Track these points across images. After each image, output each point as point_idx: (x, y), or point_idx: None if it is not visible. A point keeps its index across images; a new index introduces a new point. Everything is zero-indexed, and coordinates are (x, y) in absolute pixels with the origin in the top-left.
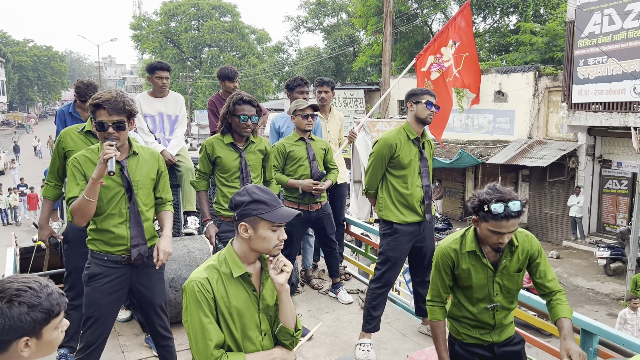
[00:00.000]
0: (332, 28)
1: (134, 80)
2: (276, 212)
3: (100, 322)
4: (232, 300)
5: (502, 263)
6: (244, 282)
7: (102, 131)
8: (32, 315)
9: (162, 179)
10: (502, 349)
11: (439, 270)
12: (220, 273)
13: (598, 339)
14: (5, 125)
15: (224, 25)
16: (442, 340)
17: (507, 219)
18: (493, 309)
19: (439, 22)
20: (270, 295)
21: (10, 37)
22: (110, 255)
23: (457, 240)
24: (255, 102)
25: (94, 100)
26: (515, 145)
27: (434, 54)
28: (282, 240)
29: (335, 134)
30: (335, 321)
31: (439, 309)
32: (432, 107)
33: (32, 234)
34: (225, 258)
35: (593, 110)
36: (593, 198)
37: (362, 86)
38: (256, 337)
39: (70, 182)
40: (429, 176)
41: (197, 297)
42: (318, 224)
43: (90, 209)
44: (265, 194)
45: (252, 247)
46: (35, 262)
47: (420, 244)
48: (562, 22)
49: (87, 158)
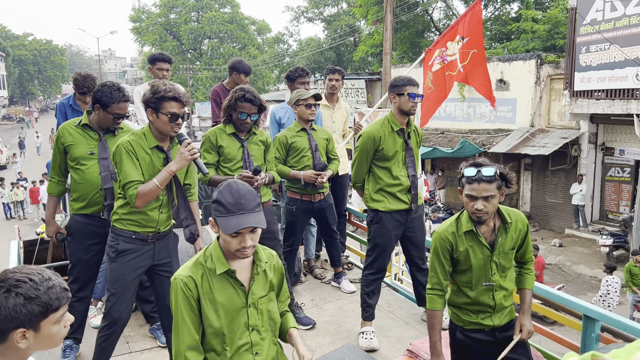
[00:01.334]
0: (333, 18)
1: (134, 73)
2: (227, 219)
3: (124, 297)
4: (217, 296)
5: (498, 241)
6: (229, 278)
7: (173, 121)
8: (29, 307)
9: (192, 167)
10: (504, 333)
11: (438, 256)
12: (205, 269)
13: (600, 325)
14: (7, 119)
15: (224, 17)
16: (437, 329)
17: (479, 182)
18: (491, 287)
19: (439, 11)
20: (260, 289)
21: (9, 31)
22: (138, 234)
23: (452, 224)
24: (258, 101)
25: (169, 92)
26: (517, 133)
27: (440, 48)
28: (245, 248)
29: (340, 124)
30: (338, 310)
31: (439, 297)
32: (415, 97)
33: (35, 227)
34: (210, 253)
35: (595, 98)
36: (596, 186)
37: (363, 76)
38: (243, 333)
39: (127, 165)
40: (414, 166)
41: (180, 295)
42: (320, 215)
43: (156, 195)
44: (231, 196)
45: (223, 246)
46: (38, 254)
47: (411, 234)
48: (563, 9)
49: (139, 145)
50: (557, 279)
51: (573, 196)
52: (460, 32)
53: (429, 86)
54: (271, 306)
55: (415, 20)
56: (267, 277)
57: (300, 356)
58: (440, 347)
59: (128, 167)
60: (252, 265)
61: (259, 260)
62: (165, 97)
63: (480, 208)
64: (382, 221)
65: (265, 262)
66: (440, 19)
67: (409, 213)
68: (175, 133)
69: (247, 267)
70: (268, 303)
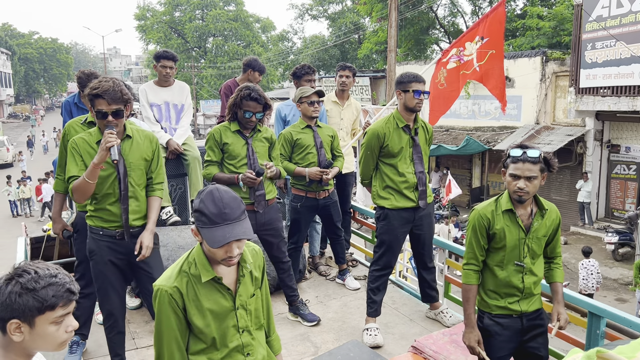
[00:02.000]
0: (337, 15)
1: (139, 71)
2: (212, 231)
3: (109, 292)
4: (204, 302)
5: (534, 225)
6: (215, 284)
7: (102, 119)
8: (24, 298)
9: (156, 159)
10: (531, 321)
11: (475, 232)
12: (189, 276)
13: (605, 322)
14: (13, 117)
15: (228, 15)
16: (472, 302)
17: (523, 162)
18: (522, 269)
19: (444, 8)
20: (247, 290)
21: (15, 29)
22: (105, 230)
23: (492, 203)
24: (263, 100)
25: (93, 90)
26: (522, 131)
27: (458, 47)
28: (231, 257)
29: (349, 122)
30: (342, 307)
31: (474, 272)
32: (421, 95)
33: (41, 224)
34: (194, 259)
35: (601, 95)
36: (601, 183)
37: (367, 73)
38: (234, 335)
39: (69, 162)
40: (422, 162)
41: (165, 307)
42: (325, 212)
43: (89, 190)
44: (215, 206)
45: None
46: (45, 251)
47: (418, 231)
48: (569, 6)
49: (84, 140)
50: None
51: (578, 193)
52: (480, 33)
53: (442, 82)
54: (259, 304)
55: (419, 18)
56: (252, 276)
57: None
58: (475, 319)
59: (70, 163)
60: (237, 267)
61: (244, 262)
62: (91, 94)
63: (522, 187)
64: (388, 218)
65: (250, 263)
66: (445, 16)
67: (417, 210)
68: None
69: (232, 270)
70: (255, 301)
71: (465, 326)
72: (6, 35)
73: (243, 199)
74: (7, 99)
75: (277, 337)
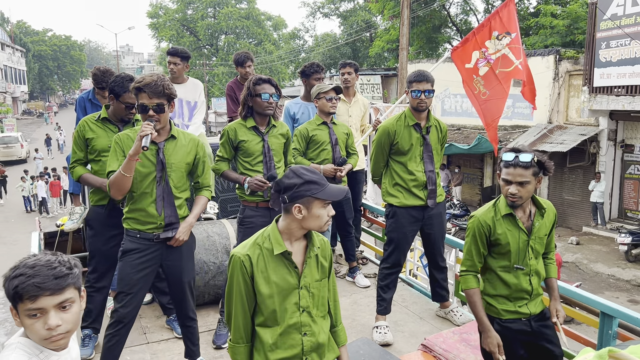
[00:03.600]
0: (349, 13)
1: (151, 68)
2: (328, 190)
3: (131, 297)
4: (271, 275)
5: (535, 226)
6: (284, 259)
7: (143, 113)
8: (6, 285)
9: (201, 164)
10: (539, 323)
11: (475, 239)
12: (262, 249)
13: (617, 322)
14: (27, 114)
15: (240, 12)
16: (480, 306)
17: (515, 167)
18: (528, 272)
19: (456, 6)
20: (313, 272)
21: (30, 26)
22: (142, 233)
23: (490, 209)
24: (274, 82)
25: (136, 84)
26: (534, 130)
27: (479, 49)
28: (330, 217)
29: (357, 119)
30: (352, 304)
31: (473, 277)
32: (421, 94)
33: (54, 220)
34: (269, 235)
35: (615, 94)
36: (614, 183)
37: (378, 71)
38: (294, 312)
39: (110, 157)
40: (432, 161)
41: (236, 272)
42: (337, 208)
43: (125, 184)
44: (314, 174)
45: (304, 226)
46: (58, 246)
47: (428, 231)
48: (583, 4)
49: (128, 136)
50: (574, 277)
51: (591, 193)
52: (499, 29)
53: (482, 92)
54: (324, 292)
55: (432, 16)
56: (318, 261)
57: None
58: (488, 322)
59: (111, 158)
60: (304, 249)
61: (312, 245)
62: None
63: (514, 192)
64: (396, 216)
65: (318, 247)
66: (457, 14)
67: (426, 209)
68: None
69: (301, 251)
70: (322, 289)
71: (481, 332)
72: (21, 33)
73: (259, 197)
74: (21, 95)
75: (343, 328)
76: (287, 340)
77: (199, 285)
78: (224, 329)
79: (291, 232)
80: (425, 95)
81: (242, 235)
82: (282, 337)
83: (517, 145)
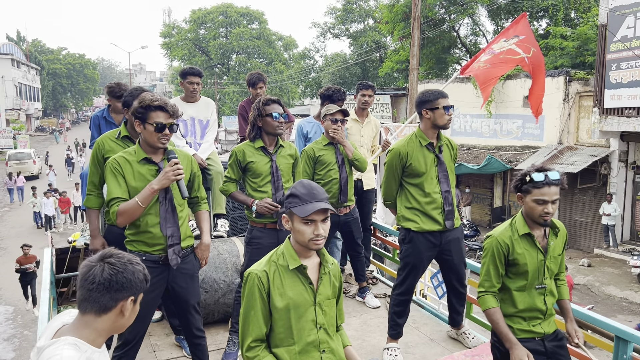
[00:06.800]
0: (359, 34)
1: (163, 87)
2: (303, 206)
3: (138, 319)
4: (287, 291)
5: (550, 245)
6: (299, 275)
7: (159, 132)
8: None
9: (197, 179)
10: (552, 343)
11: (494, 260)
12: (277, 265)
13: (632, 346)
14: (40, 131)
15: (252, 32)
16: (503, 323)
17: (549, 185)
18: (544, 291)
19: (466, 27)
20: (326, 290)
21: (45, 45)
22: (149, 255)
23: (508, 228)
24: (282, 102)
25: (153, 102)
26: (544, 151)
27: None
28: (318, 236)
29: (369, 139)
30: (362, 325)
31: (492, 296)
32: (450, 109)
33: (65, 236)
34: (283, 252)
35: (626, 116)
36: (626, 205)
37: (388, 91)
38: (311, 330)
39: (111, 182)
40: (448, 181)
41: (254, 289)
42: (346, 228)
43: (138, 213)
44: (304, 188)
45: (295, 240)
46: (70, 262)
47: (446, 257)
48: (593, 26)
49: (125, 160)
50: (585, 299)
51: (603, 215)
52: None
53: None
54: (333, 312)
55: (441, 37)
56: (331, 280)
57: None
58: (513, 336)
59: (111, 184)
60: (319, 266)
61: (325, 261)
62: (151, 106)
63: (550, 211)
64: (413, 241)
65: (331, 264)
66: (467, 35)
67: (443, 234)
68: (163, 145)
69: (315, 268)
70: (332, 307)
71: (509, 348)
72: (36, 51)
73: (267, 218)
74: (35, 112)
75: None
76: (306, 358)
77: (208, 304)
78: (233, 347)
79: (299, 248)
80: (451, 110)
81: (249, 255)
82: (301, 356)
83: (538, 165)
